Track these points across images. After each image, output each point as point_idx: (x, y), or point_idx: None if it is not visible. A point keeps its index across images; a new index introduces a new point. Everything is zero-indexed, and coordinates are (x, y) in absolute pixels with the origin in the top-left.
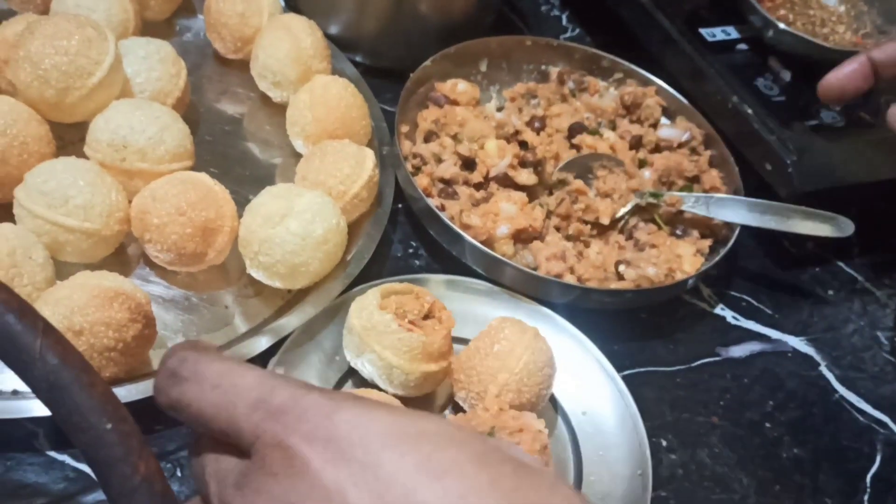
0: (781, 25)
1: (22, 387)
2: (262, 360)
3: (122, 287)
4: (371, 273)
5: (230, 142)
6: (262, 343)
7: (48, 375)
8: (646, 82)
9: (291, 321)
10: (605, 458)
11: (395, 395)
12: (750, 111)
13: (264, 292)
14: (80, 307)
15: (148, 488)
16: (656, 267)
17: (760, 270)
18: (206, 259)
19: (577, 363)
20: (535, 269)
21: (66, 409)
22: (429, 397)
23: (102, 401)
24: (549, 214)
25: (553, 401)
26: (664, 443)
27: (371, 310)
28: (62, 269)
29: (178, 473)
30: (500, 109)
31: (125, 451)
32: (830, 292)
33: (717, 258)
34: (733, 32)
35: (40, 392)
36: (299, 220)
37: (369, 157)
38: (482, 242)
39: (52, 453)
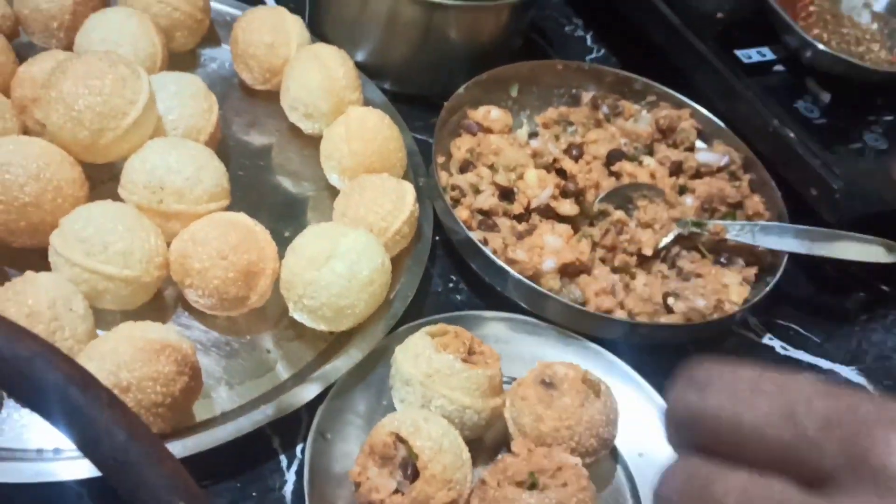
0: (820, 46)
1: (64, 443)
2: (308, 406)
3: (168, 338)
4: (412, 310)
5: (261, 176)
6: (310, 391)
7: (116, 453)
8: (679, 105)
9: (338, 367)
10: None
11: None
12: (792, 135)
13: (306, 334)
14: (126, 362)
15: None
16: (704, 298)
17: (805, 296)
18: (248, 303)
19: (630, 402)
20: (583, 304)
21: (133, 487)
22: (482, 440)
23: (173, 477)
24: (594, 247)
25: None
26: None
27: (429, 355)
28: (99, 317)
29: None
30: (532, 135)
31: None
32: (877, 318)
33: (766, 289)
34: (769, 53)
35: (107, 469)
36: (345, 261)
37: (409, 191)
38: (528, 277)
39: None
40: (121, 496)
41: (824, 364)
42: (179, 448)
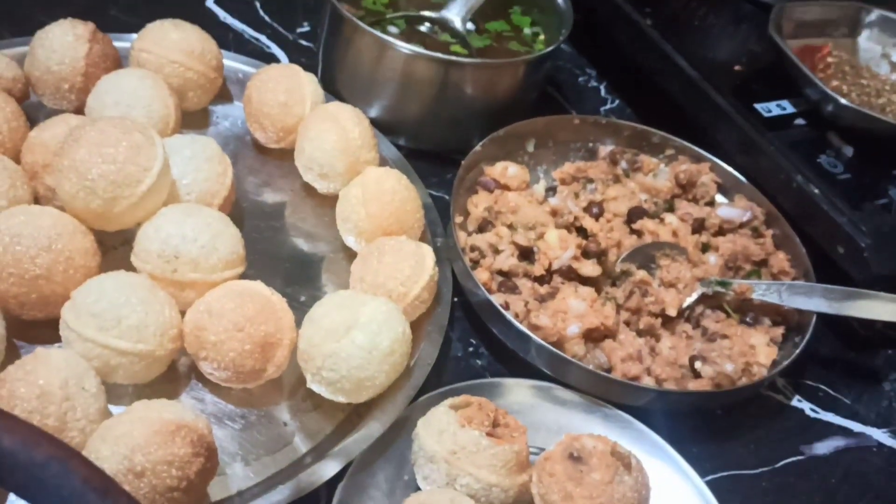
0: (841, 100)
1: None
2: (327, 482)
3: (184, 418)
4: (432, 377)
5: (275, 237)
6: (329, 469)
7: None
8: (699, 158)
9: (358, 441)
10: None
11: None
12: (817, 191)
13: (324, 405)
14: (140, 445)
15: None
16: (732, 361)
17: (832, 354)
18: (264, 375)
19: (661, 473)
20: (608, 370)
21: None
22: None
23: None
24: (618, 310)
25: None
26: None
27: (454, 431)
28: (110, 390)
29: None
30: (549, 190)
31: None
32: None
33: (796, 352)
34: (789, 106)
35: None
36: (365, 333)
37: (429, 255)
38: (552, 343)
39: None
40: None
41: (855, 427)
42: None
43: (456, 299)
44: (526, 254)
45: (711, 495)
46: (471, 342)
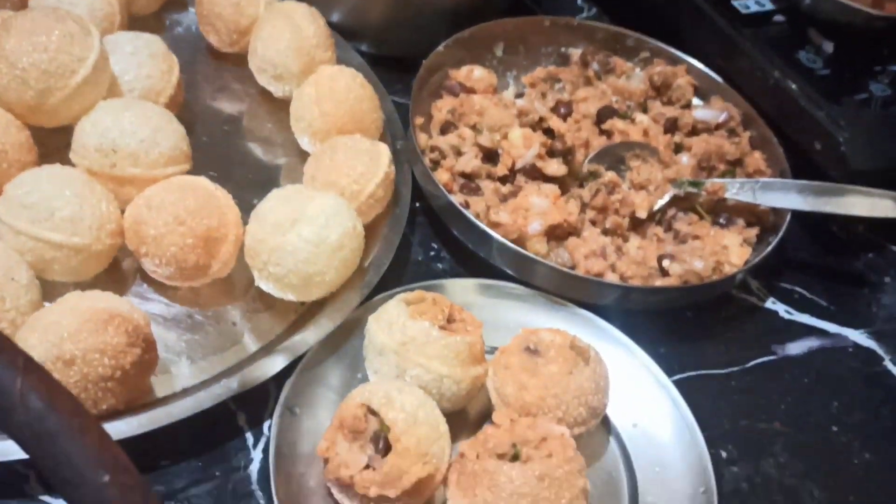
0: None
1: None
2: (275, 379)
3: (118, 308)
4: (390, 280)
5: (230, 142)
6: (276, 363)
7: (31, 423)
8: (675, 61)
9: (307, 338)
10: (663, 476)
11: (443, 411)
12: (794, 87)
13: (275, 306)
14: (71, 333)
15: None
16: (702, 260)
17: (810, 258)
18: (209, 272)
19: (624, 370)
20: (572, 268)
21: (54, 461)
22: (465, 412)
23: (98, 449)
24: (583, 208)
25: None
26: (724, 454)
27: (403, 322)
28: (50, 290)
29: None
30: (519, 96)
31: None
32: (887, 279)
33: (767, 249)
34: (767, 2)
35: (23, 441)
36: (312, 226)
37: (384, 152)
38: (513, 241)
39: (46, 498)
40: (42, 474)
41: (831, 328)
42: (133, 425)
43: (418, 204)
44: (490, 156)
45: (677, 393)
46: (432, 246)
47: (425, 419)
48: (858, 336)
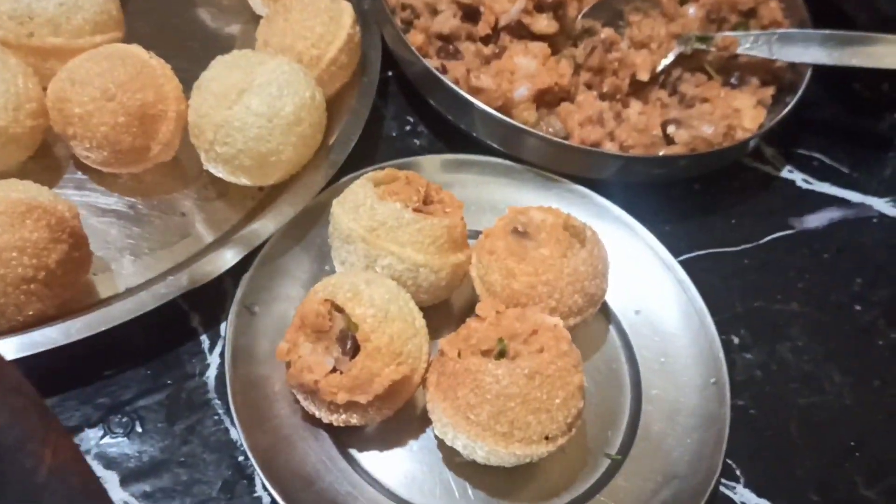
0: None
1: None
2: (233, 275)
3: (37, 199)
4: (360, 159)
5: (174, 9)
6: (230, 256)
7: None
8: None
9: (266, 226)
10: (669, 366)
11: (420, 305)
12: None
13: (230, 192)
14: None
15: (60, 484)
16: (712, 125)
17: (830, 121)
18: (149, 155)
19: (625, 251)
20: (565, 138)
21: None
22: (448, 305)
23: None
24: (577, 69)
25: None
26: (736, 340)
27: (371, 205)
28: None
29: (139, 428)
30: None
31: (22, 434)
32: None
33: (785, 110)
34: None
35: None
36: (262, 96)
37: (346, 10)
38: (497, 109)
39: None
40: None
41: (854, 197)
42: (67, 331)
43: (390, 73)
44: (470, 14)
45: (684, 274)
46: (407, 120)
47: (398, 314)
48: (883, 205)
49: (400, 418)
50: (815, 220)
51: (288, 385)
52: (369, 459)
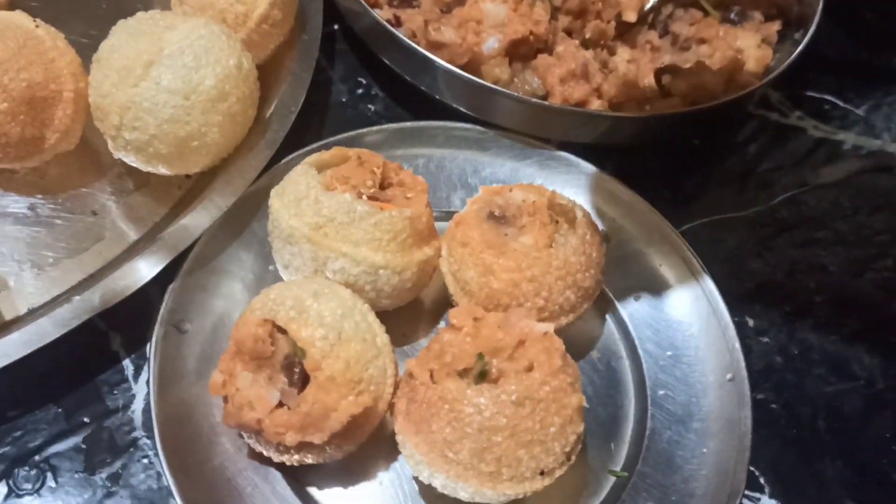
0: None
1: None
2: (159, 283)
3: None
4: (305, 133)
5: None
6: (151, 265)
7: None
8: None
9: (197, 221)
10: (677, 361)
11: (383, 309)
12: None
13: (151, 183)
14: None
15: None
16: (713, 73)
17: (841, 57)
18: (45, 146)
19: (618, 225)
20: (544, 97)
21: None
22: (417, 306)
23: None
24: (554, 13)
25: None
26: (750, 322)
27: (315, 197)
28: None
29: (51, 481)
30: None
31: None
32: None
33: (798, 49)
34: None
35: None
36: (174, 68)
37: None
38: (463, 67)
39: None
40: None
41: (872, 144)
42: None
43: (336, 27)
44: None
45: (688, 249)
46: (359, 82)
47: (354, 333)
48: None
49: (365, 446)
50: (832, 172)
51: (226, 424)
52: (332, 498)
